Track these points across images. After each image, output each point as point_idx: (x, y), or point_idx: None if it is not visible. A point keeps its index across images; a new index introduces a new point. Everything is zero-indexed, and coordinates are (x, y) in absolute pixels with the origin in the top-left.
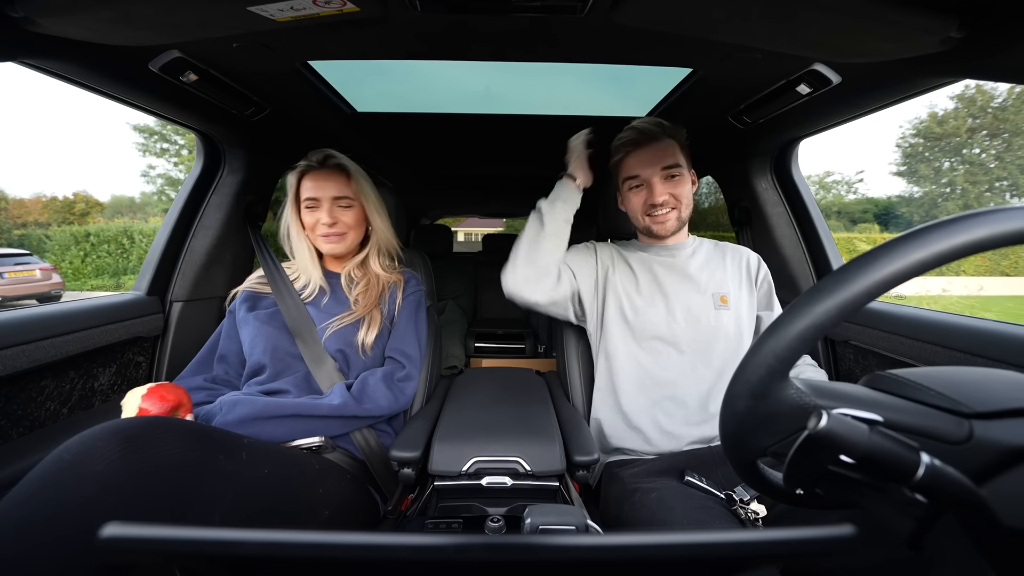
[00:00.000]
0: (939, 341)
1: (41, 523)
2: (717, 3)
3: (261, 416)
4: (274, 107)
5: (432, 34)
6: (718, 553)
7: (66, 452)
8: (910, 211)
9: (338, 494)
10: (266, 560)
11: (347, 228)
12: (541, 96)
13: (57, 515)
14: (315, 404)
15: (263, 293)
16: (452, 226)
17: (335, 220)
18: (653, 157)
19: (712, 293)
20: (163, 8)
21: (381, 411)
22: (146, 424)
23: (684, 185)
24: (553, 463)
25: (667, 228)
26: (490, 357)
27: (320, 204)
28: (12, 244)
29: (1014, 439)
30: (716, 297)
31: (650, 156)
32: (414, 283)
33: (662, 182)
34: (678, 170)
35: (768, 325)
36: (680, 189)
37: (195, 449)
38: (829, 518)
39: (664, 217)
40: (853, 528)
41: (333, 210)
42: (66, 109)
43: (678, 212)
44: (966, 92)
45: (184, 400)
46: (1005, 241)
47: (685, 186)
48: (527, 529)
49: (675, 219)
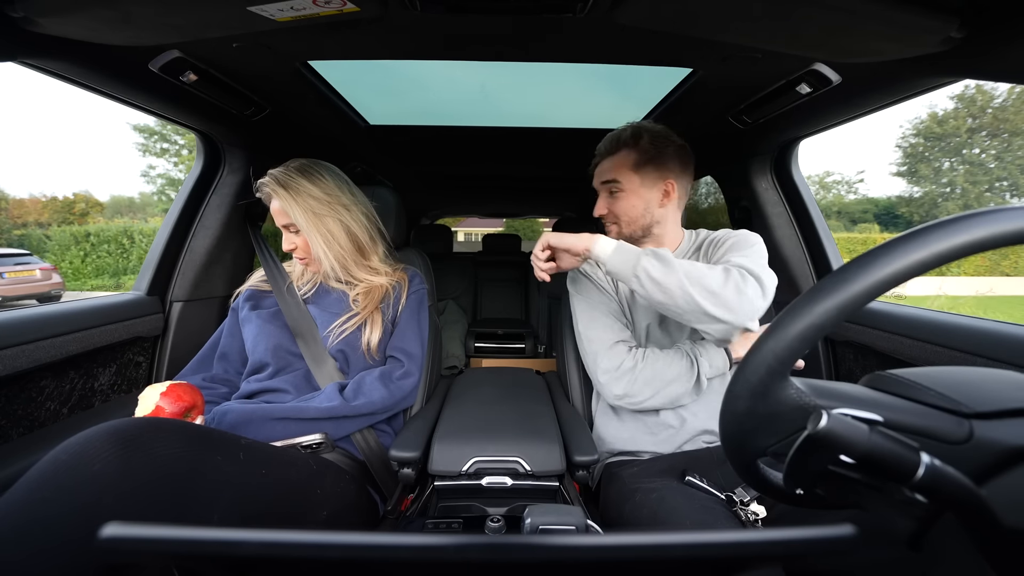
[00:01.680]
0: (939, 341)
1: (39, 525)
2: (717, 3)
3: (252, 420)
4: (274, 107)
5: (432, 34)
6: (718, 553)
7: (63, 453)
8: (910, 211)
9: (336, 494)
10: (266, 560)
11: (304, 253)
12: (541, 97)
13: (55, 516)
14: (304, 407)
15: (266, 291)
16: (452, 226)
17: (292, 246)
18: (601, 172)
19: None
20: (163, 8)
21: (374, 407)
22: (144, 425)
23: (623, 201)
24: (553, 463)
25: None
26: (490, 357)
27: (284, 229)
28: (12, 244)
29: (1014, 439)
30: None
31: (601, 170)
32: (418, 281)
33: (604, 197)
34: (615, 186)
35: (769, 324)
36: (618, 205)
37: (193, 450)
38: (829, 518)
39: (608, 230)
40: (853, 528)
41: (288, 236)
42: (66, 109)
43: (618, 227)
44: (966, 92)
45: (199, 402)
46: (1005, 241)
47: (624, 202)
48: (527, 529)
49: (616, 233)
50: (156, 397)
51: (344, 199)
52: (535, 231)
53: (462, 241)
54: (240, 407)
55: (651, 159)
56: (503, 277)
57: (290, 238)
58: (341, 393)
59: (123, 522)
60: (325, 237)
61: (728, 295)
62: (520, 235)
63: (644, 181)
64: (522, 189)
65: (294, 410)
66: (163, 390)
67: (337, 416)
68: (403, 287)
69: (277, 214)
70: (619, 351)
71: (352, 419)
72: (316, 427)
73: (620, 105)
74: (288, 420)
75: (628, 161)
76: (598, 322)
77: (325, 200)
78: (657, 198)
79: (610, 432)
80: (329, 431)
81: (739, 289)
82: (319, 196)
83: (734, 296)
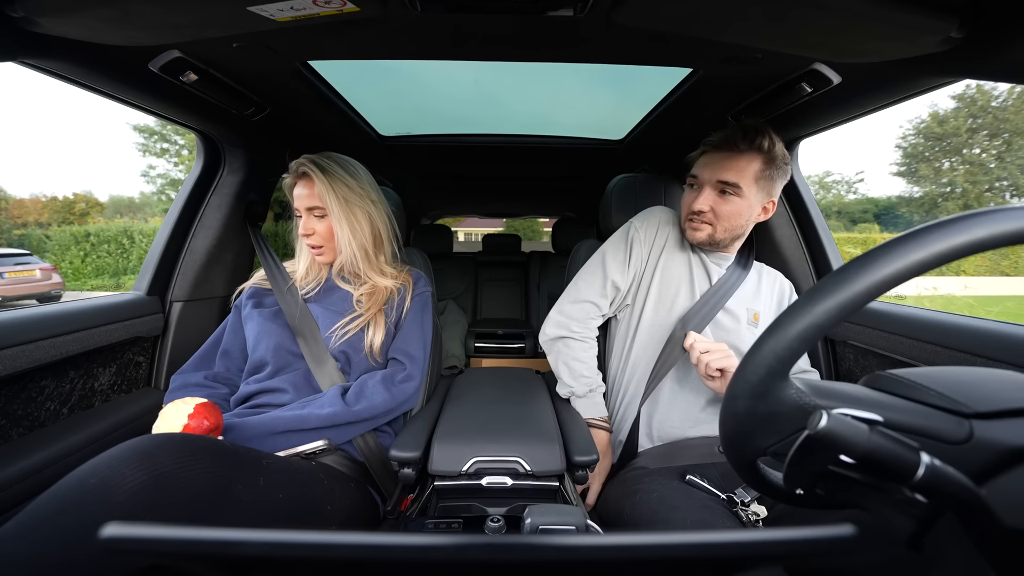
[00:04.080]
0: (939, 341)
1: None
2: (717, 3)
3: (253, 438)
4: (274, 107)
5: (432, 34)
6: (718, 553)
7: (93, 476)
8: (910, 211)
9: (345, 506)
10: (266, 560)
11: (322, 240)
12: (541, 97)
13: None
14: (306, 417)
15: (269, 290)
16: (452, 226)
17: (310, 231)
18: (718, 166)
19: (746, 308)
20: (163, 8)
21: (375, 412)
22: (175, 447)
23: (733, 205)
24: (553, 463)
25: (695, 238)
26: (490, 357)
27: (305, 214)
28: (12, 244)
29: (1014, 439)
30: (749, 313)
31: (716, 163)
32: (422, 283)
33: (712, 193)
34: (733, 189)
35: (768, 325)
36: (727, 207)
37: (216, 479)
38: (829, 518)
39: (696, 226)
40: (853, 528)
41: (309, 220)
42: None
43: (712, 228)
44: (967, 92)
45: (220, 422)
46: (1005, 241)
47: (734, 206)
48: (527, 529)
49: (707, 234)
50: (182, 416)
51: (373, 195)
52: (535, 231)
53: (462, 241)
54: (241, 424)
55: (773, 172)
56: (503, 277)
57: (311, 224)
58: (343, 397)
59: (123, 522)
60: (352, 226)
61: None
62: (520, 235)
63: (759, 191)
64: (522, 189)
65: (296, 420)
66: (190, 411)
67: (340, 423)
68: (408, 289)
69: (305, 198)
70: (584, 309)
71: (354, 425)
72: (318, 434)
73: (620, 105)
74: (290, 432)
75: (755, 165)
76: (594, 277)
77: (358, 191)
78: (758, 212)
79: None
80: (331, 437)
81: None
82: (353, 186)
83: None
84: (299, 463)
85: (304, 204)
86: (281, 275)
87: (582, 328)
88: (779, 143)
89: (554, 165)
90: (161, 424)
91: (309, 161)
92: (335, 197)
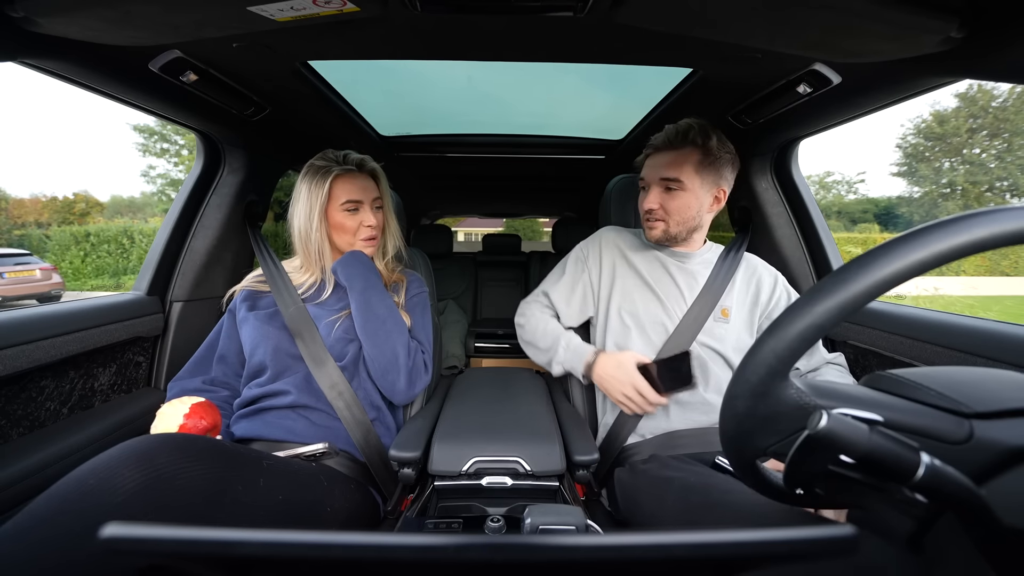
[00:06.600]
0: (939, 341)
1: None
2: (717, 3)
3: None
4: (274, 107)
5: (432, 34)
6: (718, 553)
7: (92, 476)
8: (910, 211)
9: (344, 508)
10: (266, 560)
11: (379, 231)
12: (541, 97)
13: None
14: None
15: (262, 292)
16: (452, 226)
17: (374, 220)
18: (661, 165)
19: (715, 304)
20: (163, 8)
21: (396, 348)
22: (175, 448)
23: (680, 199)
24: (553, 463)
25: (652, 236)
26: (490, 357)
27: (361, 207)
28: (12, 244)
29: (1014, 439)
30: (717, 309)
31: (660, 163)
32: (417, 284)
33: (658, 191)
34: (676, 184)
35: (768, 325)
36: (674, 203)
37: (216, 480)
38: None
39: (651, 224)
40: (853, 528)
41: (370, 213)
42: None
43: (665, 224)
44: (968, 92)
45: (218, 421)
46: (1005, 241)
47: (681, 200)
48: (527, 529)
49: (661, 230)
50: (179, 417)
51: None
52: (535, 231)
53: (462, 241)
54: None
55: (713, 162)
56: (503, 277)
57: (371, 215)
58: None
59: (123, 522)
60: (395, 215)
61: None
62: (520, 235)
63: (703, 183)
64: (522, 189)
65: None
66: (186, 411)
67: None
68: (401, 287)
69: (365, 190)
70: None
71: (381, 338)
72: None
73: (620, 105)
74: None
75: (692, 159)
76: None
77: (388, 190)
78: (708, 202)
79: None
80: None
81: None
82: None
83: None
84: (299, 464)
85: (370, 195)
86: (280, 275)
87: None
88: (715, 136)
89: (554, 165)
90: (158, 424)
91: (365, 161)
92: (385, 193)
